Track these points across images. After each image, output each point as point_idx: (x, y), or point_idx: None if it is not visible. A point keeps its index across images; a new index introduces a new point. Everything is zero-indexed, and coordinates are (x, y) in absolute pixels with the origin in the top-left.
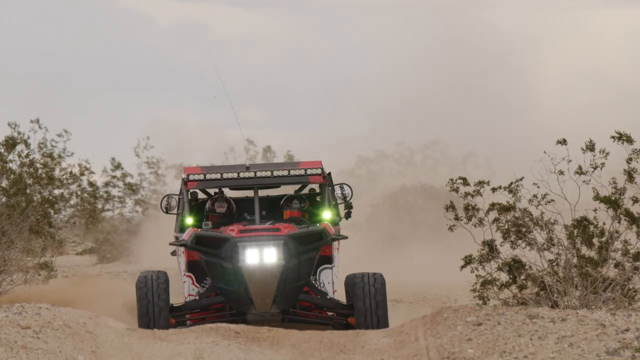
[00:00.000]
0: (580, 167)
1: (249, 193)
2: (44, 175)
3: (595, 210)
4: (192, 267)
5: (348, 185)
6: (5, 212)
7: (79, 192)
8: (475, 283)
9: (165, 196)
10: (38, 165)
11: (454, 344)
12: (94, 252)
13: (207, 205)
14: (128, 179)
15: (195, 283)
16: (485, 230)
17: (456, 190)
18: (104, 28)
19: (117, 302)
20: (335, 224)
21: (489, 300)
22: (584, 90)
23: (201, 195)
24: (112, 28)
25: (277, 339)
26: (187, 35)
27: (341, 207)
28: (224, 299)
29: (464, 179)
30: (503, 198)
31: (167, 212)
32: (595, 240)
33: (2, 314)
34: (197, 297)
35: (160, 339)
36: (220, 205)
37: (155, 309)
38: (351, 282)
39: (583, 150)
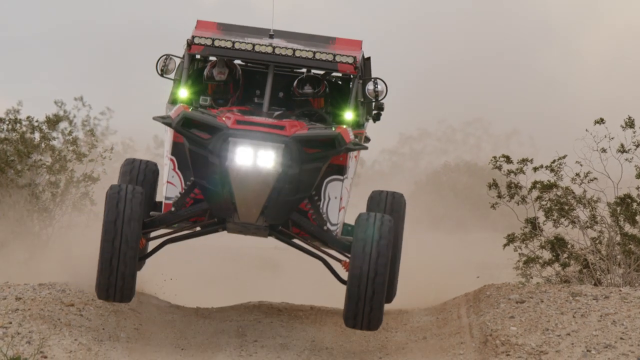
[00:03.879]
0: (622, 145)
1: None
2: (87, 152)
3: (638, 187)
4: (178, 150)
5: (383, 82)
6: (48, 189)
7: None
8: (518, 261)
9: (164, 55)
10: (82, 143)
11: (496, 321)
12: None
13: (206, 70)
14: None
15: (177, 169)
16: (528, 208)
17: (499, 168)
18: (150, 6)
19: None
20: (359, 125)
21: (531, 278)
22: (630, 68)
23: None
24: (158, 6)
25: (320, 317)
26: (231, 12)
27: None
28: (205, 199)
29: (507, 157)
30: (546, 176)
31: (162, 75)
32: (638, 218)
33: (46, 291)
34: (177, 196)
35: (204, 317)
36: (220, 71)
37: (125, 219)
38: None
39: (623, 127)
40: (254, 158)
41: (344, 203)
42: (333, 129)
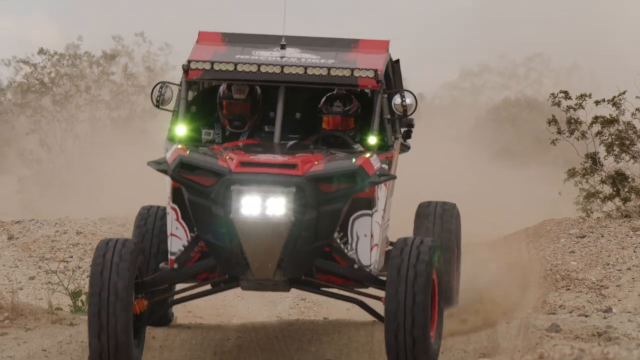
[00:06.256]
0: None
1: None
2: (145, 85)
3: None
4: (179, 197)
5: (411, 93)
6: (109, 123)
7: None
8: (579, 196)
9: (159, 84)
10: (141, 77)
11: (557, 256)
12: None
13: (221, 89)
14: None
15: (181, 219)
16: (588, 144)
17: (558, 104)
18: None
19: None
20: (386, 147)
21: (592, 212)
22: None
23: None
24: None
25: None
26: None
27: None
28: (213, 257)
29: (566, 92)
30: (606, 111)
31: (158, 106)
32: None
33: (106, 225)
34: (179, 250)
35: None
36: (239, 89)
37: (110, 292)
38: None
39: None
40: (262, 207)
41: (376, 240)
42: (354, 160)
